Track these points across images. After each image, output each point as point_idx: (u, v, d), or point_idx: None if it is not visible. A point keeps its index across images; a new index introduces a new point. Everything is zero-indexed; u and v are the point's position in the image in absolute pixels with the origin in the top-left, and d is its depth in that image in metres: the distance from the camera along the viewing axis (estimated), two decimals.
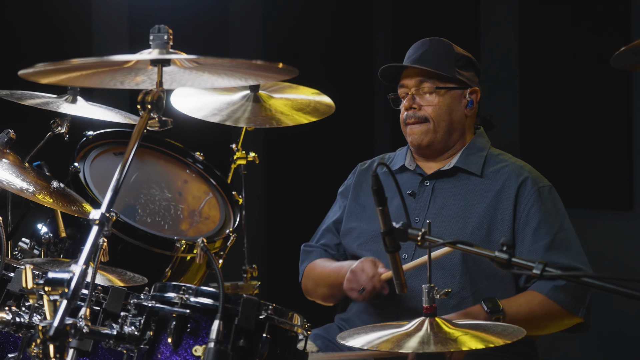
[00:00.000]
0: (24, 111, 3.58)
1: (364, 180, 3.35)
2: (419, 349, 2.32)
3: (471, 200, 3.11)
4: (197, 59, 2.24)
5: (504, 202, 3.08)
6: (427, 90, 3.18)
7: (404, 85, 3.23)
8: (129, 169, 3.65)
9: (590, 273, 1.91)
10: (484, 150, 3.21)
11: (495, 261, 2.03)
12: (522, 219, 3.05)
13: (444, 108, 3.18)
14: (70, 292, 1.95)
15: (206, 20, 5.93)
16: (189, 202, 3.78)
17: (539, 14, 5.58)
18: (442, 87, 3.17)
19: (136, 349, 2.29)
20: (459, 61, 3.21)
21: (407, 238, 2.17)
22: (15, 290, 2.63)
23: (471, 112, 3.23)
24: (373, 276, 2.99)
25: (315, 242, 3.39)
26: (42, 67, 2.23)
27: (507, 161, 3.19)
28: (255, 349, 2.29)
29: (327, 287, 3.23)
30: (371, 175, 2.22)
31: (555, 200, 3.10)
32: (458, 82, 3.20)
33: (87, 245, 2.03)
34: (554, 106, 5.46)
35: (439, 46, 3.22)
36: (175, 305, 2.30)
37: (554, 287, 2.96)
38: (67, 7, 5.49)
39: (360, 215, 3.28)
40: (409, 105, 3.19)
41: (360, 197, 3.33)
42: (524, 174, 3.11)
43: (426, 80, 3.18)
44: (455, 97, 3.20)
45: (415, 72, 3.20)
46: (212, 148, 3.94)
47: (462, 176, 3.18)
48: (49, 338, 1.90)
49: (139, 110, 2.25)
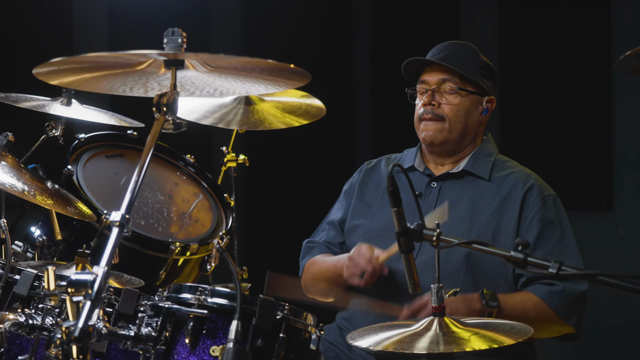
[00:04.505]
0: (17, 113, 3.57)
1: (369, 179, 3.37)
2: (429, 349, 2.34)
3: (478, 204, 3.15)
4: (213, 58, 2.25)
5: (511, 207, 3.12)
6: (449, 89, 3.19)
7: (425, 82, 3.23)
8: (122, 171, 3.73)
9: (606, 272, 1.95)
10: (492, 156, 3.26)
11: (511, 261, 2.07)
12: (525, 225, 3.09)
13: (462, 110, 3.20)
14: (94, 293, 1.95)
15: (185, 21, 5.91)
16: (178, 205, 3.78)
17: (518, 16, 5.63)
18: (464, 89, 3.20)
19: (153, 350, 2.30)
20: (483, 68, 3.24)
21: (422, 238, 2.20)
22: (22, 292, 2.63)
23: (485, 119, 3.27)
24: (371, 258, 3.00)
25: (318, 238, 3.40)
26: (55, 66, 2.23)
27: (514, 168, 3.24)
28: (272, 349, 2.31)
29: (326, 281, 3.22)
30: (387, 177, 2.24)
31: (558, 209, 3.14)
32: (479, 87, 3.22)
33: (108, 247, 2.03)
34: (534, 108, 5.49)
35: (466, 49, 3.26)
36: (192, 306, 2.32)
37: (550, 292, 3.02)
38: (47, 7, 5.45)
39: (364, 213, 3.31)
40: (428, 102, 3.20)
41: (365, 196, 3.35)
42: (530, 182, 3.16)
43: (449, 79, 3.19)
44: (474, 101, 3.22)
45: (438, 70, 3.21)
46: (193, 151, 3.94)
47: (469, 179, 3.22)
48: (75, 339, 1.90)
49: (154, 113, 2.25)
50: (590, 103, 5.29)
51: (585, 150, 5.31)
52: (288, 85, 2.46)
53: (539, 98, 5.48)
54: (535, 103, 5.48)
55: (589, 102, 5.30)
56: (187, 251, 3.53)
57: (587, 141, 5.31)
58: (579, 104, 5.33)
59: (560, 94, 5.40)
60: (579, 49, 5.32)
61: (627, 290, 1.94)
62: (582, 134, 5.32)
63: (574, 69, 5.33)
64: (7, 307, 2.64)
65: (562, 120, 5.39)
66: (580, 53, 5.32)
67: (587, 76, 5.27)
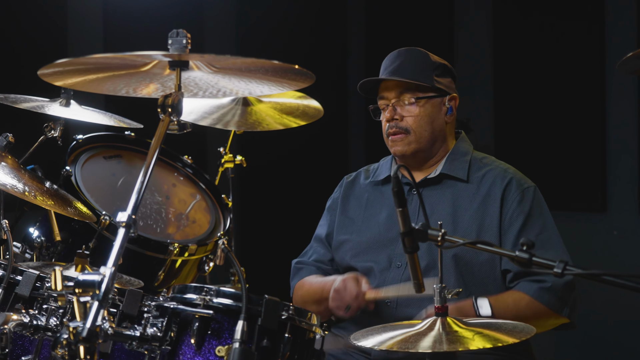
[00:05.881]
0: (15, 114, 3.56)
1: (350, 193, 3.37)
2: (432, 349, 2.35)
3: (459, 206, 3.16)
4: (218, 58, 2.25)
5: (491, 205, 3.12)
6: (408, 101, 3.19)
7: (383, 97, 3.24)
8: (119, 172, 3.73)
9: (611, 271, 1.96)
10: (467, 155, 3.25)
11: (515, 260, 2.08)
12: (506, 220, 3.10)
13: (425, 118, 3.19)
14: (102, 293, 1.95)
15: (179, 22, 5.91)
16: (175, 206, 3.78)
17: (512, 19, 5.65)
18: (423, 97, 3.19)
19: (158, 350, 2.30)
20: (437, 69, 3.23)
21: (427, 238, 2.21)
22: (24, 293, 2.63)
23: (451, 118, 3.26)
24: (357, 295, 3.01)
25: (307, 258, 3.39)
26: (60, 67, 2.24)
27: (491, 164, 3.24)
28: (277, 349, 2.32)
29: (315, 304, 3.22)
30: (392, 177, 2.25)
31: (538, 200, 3.15)
32: (437, 90, 3.21)
33: (115, 247, 2.04)
34: (528, 110, 5.52)
35: (416, 56, 3.24)
36: (197, 307, 2.32)
37: (540, 289, 3.03)
38: (41, 7, 5.45)
39: (350, 228, 3.31)
40: (391, 117, 3.20)
41: (348, 210, 3.35)
42: (508, 176, 3.16)
43: (406, 91, 3.19)
44: (436, 105, 3.22)
45: (394, 84, 3.21)
46: (187, 152, 3.94)
47: (448, 182, 3.21)
48: (82, 339, 1.91)
49: (159, 114, 2.25)
50: (584, 104, 5.31)
51: (580, 151, 5.33)
52: (292, 86, 2.47)
53: (533, 99, 5.50)
54: (529, 104, 5.50)
55: (583, 103, 5.32)
56: (185, 252, 3.53)
57: (581, 142, 5.33)
58: (573, 105, 5.35)
59: (554, 95, 5.42)
60: (573, 50, 5.34)
61: (631, 290, 1.95)
62: (576, 135, 5.34)
63: (568, 70, 5.35)
64: (9, 308, 2.64)
65: (556, 122, 5.41)
66: (574, 54, 5.34)
67: (581, 77, 5.30)
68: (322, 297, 3.16)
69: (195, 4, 6.03)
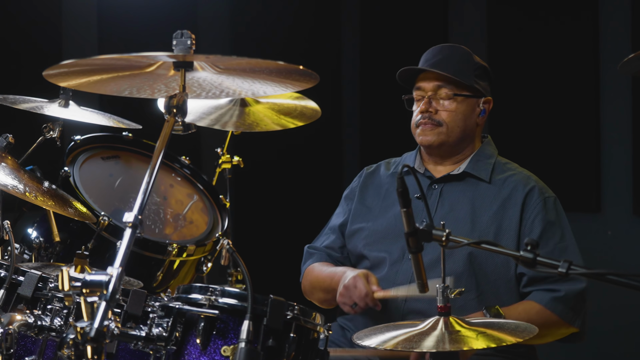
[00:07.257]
0: (14, 115, 3.56)
1: (370, 183, 3.40)
2: (435, 348, 2.36)
3: (479, 206, 3.18)
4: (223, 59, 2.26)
5: (511, 209, 3.15)
6: (445, 96, 3.22)
7: (420, 88, 3.26)
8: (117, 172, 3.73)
9: (615, 271, 1.98)
10: (492, 158, 3.28)
11: (520, 260, 2.09)
12: (526, 227, 3.12)
13: (459, 115, 3.23)
14: (109, 293, 1.96)
15: (173, 22, 5.91)
16: (173, 206, 3.78)
17: (506, 20, 5.66)
18: (460, 94, 3.22)
19: (164, 350, 2.31)
20: (477, 70, 3.26)
21: (432, 238, 2.22)
22: (27, 294, 2.63)
23: (482, 120, 3.30)
24: (366, 295, 3.02)
25: (318, 244, 3.42)
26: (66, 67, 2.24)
27: (514, 170, 3.27)
28: (283, 349, 2.33)
29: (322, 291, 3.27)
30: (397, 178, 2.26)
31: (558, 211, 3.18)
32: (475, 90, 3.25)
33: (122, 248, 2.04)
34: (522, 109, 5.52)
35: (459, 53, 3.28)
36: (203, 307, 2.33)
37: (553, 299, 3.05)
38: (35, 8, 5.44)
39: (366, 216, 3.33)
40: (425, 109, 3.23)
41: (366, 199, 3.37)
42: (530, 184, 3.19)
43: (444, 85, 3.22)
44: (471, 105, 3.25)
45: (433, 77, 3.24)
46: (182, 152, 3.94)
47: (470, 181, 3.24)
48: (90, 339, 1.91)
49: (164, 115, 2.26)
50: (578, 104, 5.32)
51: (574, 151, 5.34)
52: (295, 87, 2.48)
53: (528, 99, 5.51)
54: (524, 104, 5.50)
55: (577, 102, 5.32)
56: (184, 252, 3.53)
57: (575, 142, 5.34)
58: (568, 105, 5.36)
59: (549, 95, 5.43)
60: (568, 50, 5.35)
61: (636, 290, 1.97)
62: (571, 134, 5.35)
63: (563, 70, 5.36)
64: (11, 309, 2.64)
65: (551, 121, 5.42)
66: (568, 54, 5.35)
67: (576, 77, 5.31)
68: (330, 286, 3.20)
69: (189, 5, 6.03)
